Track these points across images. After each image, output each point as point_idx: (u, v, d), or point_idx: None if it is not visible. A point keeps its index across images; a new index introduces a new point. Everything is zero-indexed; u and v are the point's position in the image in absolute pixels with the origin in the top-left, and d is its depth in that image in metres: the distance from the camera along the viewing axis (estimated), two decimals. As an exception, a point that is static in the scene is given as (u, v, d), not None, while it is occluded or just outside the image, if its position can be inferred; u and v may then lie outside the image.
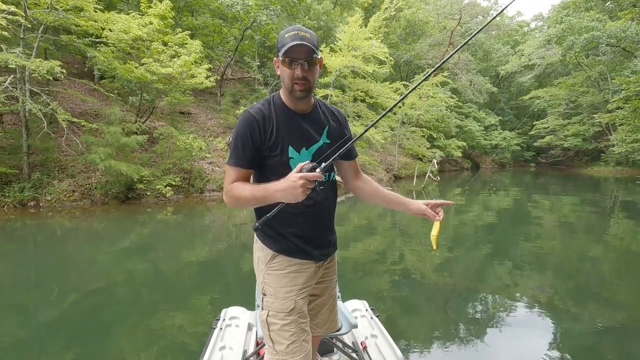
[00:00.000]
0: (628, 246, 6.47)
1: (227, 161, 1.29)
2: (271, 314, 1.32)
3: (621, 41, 21.24)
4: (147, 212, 8.42)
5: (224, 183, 1.31)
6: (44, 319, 3.34)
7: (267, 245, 1.37)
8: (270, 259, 1.36)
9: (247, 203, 1.26)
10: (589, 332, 3.18)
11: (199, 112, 14.79)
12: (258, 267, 1.40)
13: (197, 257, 5.44)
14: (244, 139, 1.27)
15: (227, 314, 2.35)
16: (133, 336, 3.03)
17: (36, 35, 8.66)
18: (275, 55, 1.28)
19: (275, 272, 1.35)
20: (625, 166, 24.70)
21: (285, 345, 1.29)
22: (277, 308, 1.31)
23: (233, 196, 1.27)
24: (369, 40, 14.45)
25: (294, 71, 1.25)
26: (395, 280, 4.45)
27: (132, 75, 9.79)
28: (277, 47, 1.27)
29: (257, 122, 1.27)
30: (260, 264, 1.38)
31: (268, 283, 1.35)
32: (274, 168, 1.29)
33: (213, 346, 2.01)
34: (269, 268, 1.36)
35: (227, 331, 2.18)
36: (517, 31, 37.92)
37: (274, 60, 1.33)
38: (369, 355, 1.98)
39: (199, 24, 16.59)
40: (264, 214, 1.28)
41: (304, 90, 1.27)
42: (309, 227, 1.36)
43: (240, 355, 1.95)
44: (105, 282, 4.36)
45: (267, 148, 1.29)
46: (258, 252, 1.41)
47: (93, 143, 8.74)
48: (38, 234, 6.70)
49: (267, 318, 1.33)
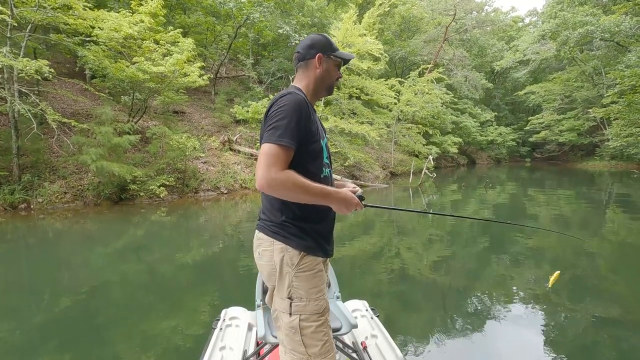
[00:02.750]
0: (624, 239, 6.46)
1: (275, 140, 1.19)
2: (303, 318, 1.26)
3: (615, 35, 21.29)
4: (141, 213, 8.31)
5: (263, 162, 1.18)
6: (36, 323, 3.25)
7: (292, 245, 1.28)
8: (299, 260, 1.29)
9: (304, 195, 1.22)
10: (587, 326, 3.16)
11: (193, 111, 14.65)
12: (282, 270, 1.29)
13: (194, 257, 5.35)
14: (298, 119, 1.24)
15: (227, 314, 2.34)
16: (130, 339, 2.97)
17: (24, 34, 8.49)
18: (324, 53, 1.41)
19: (305, 273, 1.29)
20: (619, 160, 24.82)
21: (320, 346, 1.26)
22: (311, 310, 1.26)
23: (295, 183, 1.18)
24: (363, 37, 14.35)
25: (338, 73, 1.47)
26: (395, 280, 4.41)
27: (124, 74, 9.64)
28: (324, 44, 1.42)
29: (307, 106, 1.30)
30: (286, 266, 1.28)
31: (298, 286, 1.27)
32: (316, 153, 1.34)
33: (213, 346, 1.99)
34: (299, 270, 1.28)
35: (227, 331, 2.16)
36: (511, 27, 37.91)
37: (318, 55, 1.41)
38: (369, 355, 1.95)
39: (191, 22, 16.42)
40: (292, 209, 1.28)
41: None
42: (331, 226, 1.42)
43: (241, 356, 1.94)
44: (99, 285, 4.27)
45: (311, 133, 1.31)
46: (279, 254, 1.29)
47: (84, 144, 8.60)
48: (29, 236, 6.57)
49: (299, 323, 1.26)
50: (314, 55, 1.41)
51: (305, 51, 1.42)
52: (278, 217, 1.30)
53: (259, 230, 1.36)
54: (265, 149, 1.20)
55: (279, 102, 1.26)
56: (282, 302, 1.28)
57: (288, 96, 1.27)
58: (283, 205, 1.29)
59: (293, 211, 1.29)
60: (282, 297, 1.28)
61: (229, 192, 10.90)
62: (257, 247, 1.36)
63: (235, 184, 11.29)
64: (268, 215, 1.34)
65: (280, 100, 1.26)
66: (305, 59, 1.43)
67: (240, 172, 11.84)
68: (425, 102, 19.38)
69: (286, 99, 1.26)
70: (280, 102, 1.26)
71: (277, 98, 1.28)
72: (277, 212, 1.30)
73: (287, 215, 1.28)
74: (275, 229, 1.30)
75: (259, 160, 1.20)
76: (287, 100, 1.26)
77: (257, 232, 1.37)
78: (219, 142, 12.70)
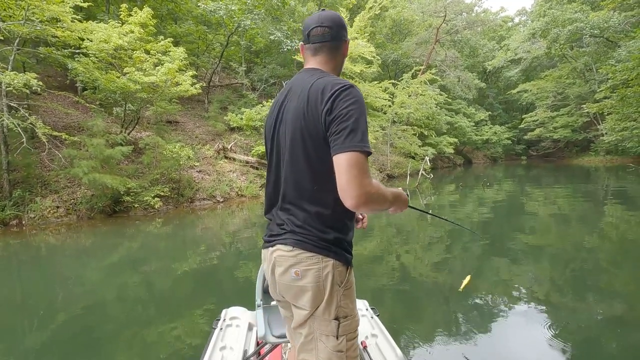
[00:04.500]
0: (623, 234, 6.42)
1: (361, 147, 1.00)
2: (349, 337, 1.13)
3: (604, 31, 21.49)
4: (136, 225, 8.18)
5: (358, 176, 0.98)
6: (31, 342, 3.14)
7: (342, 261, 1.12)
8: (347, 277, 1.14)
9: (386, 203, 1.09)
10: (588, 323, 3.13)
11: (186, 120, 14.56)
12: (332, 289, 1.11)
13: (191, 267, 5.23)
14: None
15: (227, 314, 2.34)
16: (130, 350, 2.91)
17: (12, 48, 8.40)
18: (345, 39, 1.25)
19: (349, 290, 1.16)
20: (614, 155, 24.95)
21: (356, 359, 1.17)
22: (354, 327, 1.16)
23: (381, 193, 1.05)
24: (355, 40, 14.37)
25: None
26: (395, 279, 4.37)
27: (114, 85, 9.55)
28: (344, 28, 1.25)
29: None
30: (336, 285, 1.12)
31: (344, 304, 1.13)
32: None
33: (213, 346, 1.99)
34: (346, 288, 1.14)
35: (228, 331, 2.16)
36: (501, 27, 38.26)
37: (348, 40, 1.27)
38: (369, 355, 1.93)
39: (182, 32, 16.40)
40: (344, 223, 1.15)
41: None
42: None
43: (241, 356, 1.94)
44: (96, 299, 4.14)
45: None
46: (331, 272, 1.11)
47: (76, 156, 8.47)
48: (22, 253, 6.41)
49: (346, 344, 1.12)
50: (345, 39, 1.23)
51: (338, 30, 1.20)
52: (328, 231, 1.11)
53: (295, 245, 1.11)
54: (353, 159, 0.99)
55: (350, 96, 1.03)
56: (328, 324, 1.11)
57: (355, 89, 1.06)
58: (335, 218, 1.12)
59: (344, 225, 1.15)
60: (328, 319, 1.11)
61: (225, 201, 10.78)
62: (290, 265, 1.12)
63: (231, 192, 11.17)
64: (311, 230, 1.11)
65: (351, 93, 1.04)
66: (337, 40, 1.21)
67: (236, 180, 11.73)
68: (420, 103, 19.41)
69: (357, 93, 1.05)
70: (351, 95, 1.04)
71: (342, 87, 1.05)
72: (328, 225, 1.12)
73: (340, 229, 1.13)
74: (324, 244, 1.11)
75: (348, 171, 0.99)
76: (359, 95, 1.05)
77: (287, 248, 1.13)
78: (213, 150, 12.60)
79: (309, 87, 1.09)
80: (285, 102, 1.18)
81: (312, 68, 1.20)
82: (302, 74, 1.19)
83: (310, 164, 1.09)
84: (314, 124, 1.06)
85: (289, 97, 1.17)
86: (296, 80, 1.19)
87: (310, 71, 1.18)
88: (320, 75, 1.13)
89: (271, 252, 1.18)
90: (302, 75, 1.19)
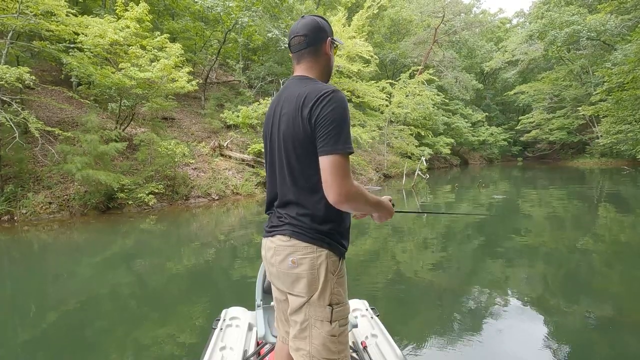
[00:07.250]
0: (616, 237, 6.45)
1: (343, 148, 1.11)
2: (341, 322, 1.24)
3: (601, 34, 21.61)
4: (129, 222, 8.10)
5: (338, 175, 1.10)
6: (23, 339, 3.09)
7: (335, 252, 1.24)
8: (340, 266, 1.26)
9: (365, 206, 1.22)
10: (583, 325, 3.16)
11: (182, 117, 14.46)
12: (326, 277, 1.21)
13: (185, 266, 5.18)
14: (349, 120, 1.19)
15: (227, 314, 2.34)
16: (125, 347, 2.89)
17: (5, 42, 8.28)
18: (330, 38, 1.32)
19: (342, 278, 1.27)
20: (609, 157, 25.10)
21: (346, 347, 1.25)
22: (346, 313, 1.26)
23: (361, 194, 1.17)
24: (352, 39, 14.34)
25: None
26: (395, 279, 4.38)
27: (110, 80, 9.45)
28: (329, 27, 1.34)
29: None
30: (330, 274, 1.22)
31: (337, 292, 1.24)
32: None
33: (213, 346, 1.99)
34: (339, 276, 1.25)
35: (228, 331, 2.17)
36: (499, 28, 38.40)
37: (328, 40, 1.31)
38: (369, 355, 1.95)
39: (179, 28, 16.27)
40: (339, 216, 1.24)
41: None
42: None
43: (241, 356, 1.94)
44: (88, 296, 4.09)
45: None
46: (324, 261, 1.21)
47: (69, 152, 8.37)
48: (13, 249, 6.33)
49: (339, 329, 1.22)
50: (325, 40, 1.30)
51: (314, 34, 1.28)
52: (323, 223, 1.21)
53: (292, 236, 1.22)
54: (335, 161, 1.10)
55: (331, 102, 1.12)
56: (322, 310, 1.20)
57: (336, 94, 1.14)
58: (329, 212, 1.21)
59: (339, 218, 1.24)
60: (323, 305, 1.21)
61: (220, 199, 10.72)
62: (287, 254, 1.22)
63: (226, 189, 11.11)
64: (307, 223, 1.21)
65: (332, 99, 1.13)
66: (314, 44, 1.28)
67: (232, 178, 11.67)
68: (417, 103, 19.42)
69: (338, 97, 1.14)
70: (332, 101, 1.12)
71: (323, 94, 1.14)
72: (322, 219, 1.21)
73: (333, 222, 1.22)
74: (318, 236, 1.21)
75: (331, 172, 1.10)
76: (340, 99, 1.14)
77: (285, 238, 1.23)
78: (209, 147, 12.52)
79: (297, 96, 1.20)
80: (279, 108, 1.27)
81: (300, 76, 1.29)
82: (293, 81, 1.29)
83: (302, 165, 1.20)
84: (303, 130, 1.16)
85: (283, 103, 1.26)
86: (288, 88, 1.28)
87: (298, 79, 1.28)
88: (305, 83, 1.22)
89: (271, 241, 1.29)
90: (293, 82, 1.29)
